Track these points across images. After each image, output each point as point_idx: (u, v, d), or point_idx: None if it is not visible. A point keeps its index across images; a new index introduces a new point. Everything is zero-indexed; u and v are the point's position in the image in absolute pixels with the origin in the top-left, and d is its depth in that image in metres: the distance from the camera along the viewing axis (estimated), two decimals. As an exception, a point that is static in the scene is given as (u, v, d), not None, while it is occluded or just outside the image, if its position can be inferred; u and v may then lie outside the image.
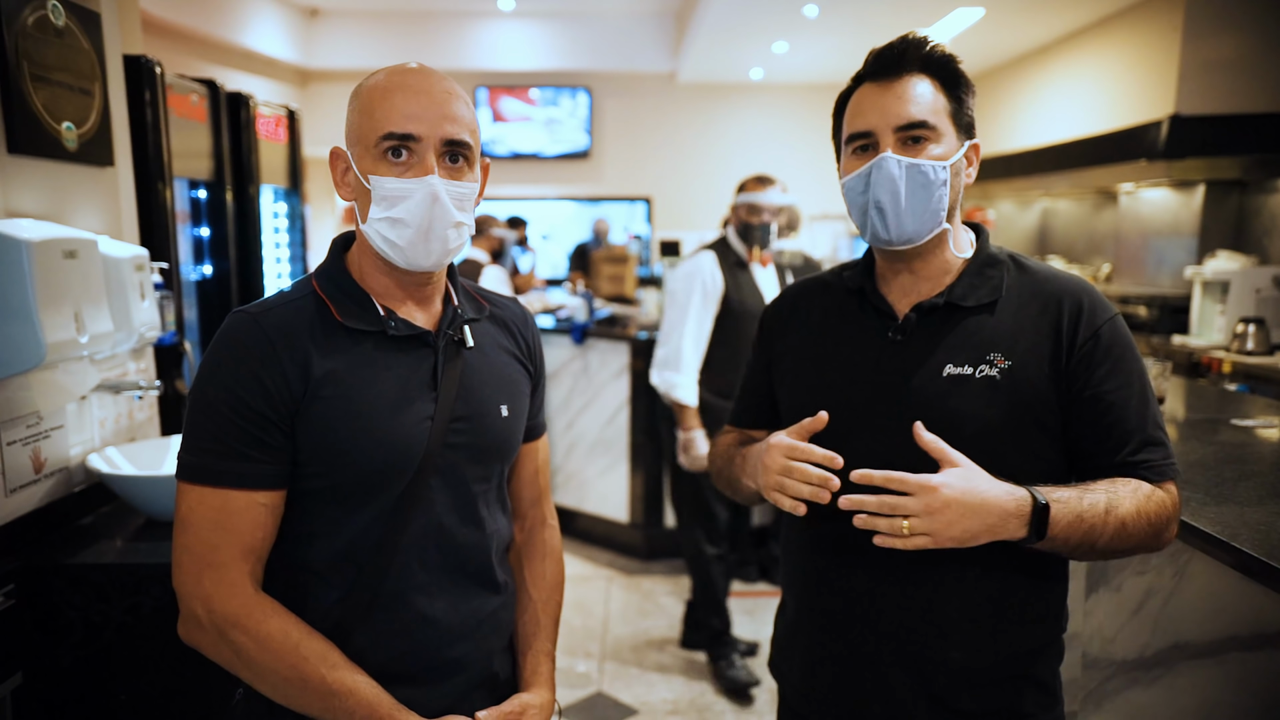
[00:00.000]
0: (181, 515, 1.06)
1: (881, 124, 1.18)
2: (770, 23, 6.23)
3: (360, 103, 1.10)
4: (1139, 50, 5.32)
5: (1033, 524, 1.07)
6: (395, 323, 1.12)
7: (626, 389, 4.40)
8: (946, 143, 1.17)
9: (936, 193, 1.16)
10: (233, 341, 1.07)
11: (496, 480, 1.22)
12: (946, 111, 1.18)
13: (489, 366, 1.20)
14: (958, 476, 1.06)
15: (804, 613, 1.31)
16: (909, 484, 1.05)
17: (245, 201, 3.00)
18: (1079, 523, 1.09)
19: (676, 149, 8.91)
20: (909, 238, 1.18)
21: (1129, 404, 1.15)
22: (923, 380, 1.18)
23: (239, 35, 6.78)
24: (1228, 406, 2.63)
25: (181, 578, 1.05)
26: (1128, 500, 1.12)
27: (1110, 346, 1.16)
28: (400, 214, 1.08)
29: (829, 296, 1.34)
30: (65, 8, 1.83)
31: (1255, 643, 1.58)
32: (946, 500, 1.04)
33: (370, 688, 1.05)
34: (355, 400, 1.08)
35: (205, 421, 1.06)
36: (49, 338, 1.58)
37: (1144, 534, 1.13)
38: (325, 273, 1.15)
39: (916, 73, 1.18)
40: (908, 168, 1.16)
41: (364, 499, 1.09)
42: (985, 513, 1.05)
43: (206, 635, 1.04)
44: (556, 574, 1.33)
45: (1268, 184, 4.99)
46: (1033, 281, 1.22)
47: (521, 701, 1.18)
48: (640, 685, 3.21)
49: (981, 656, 1.19)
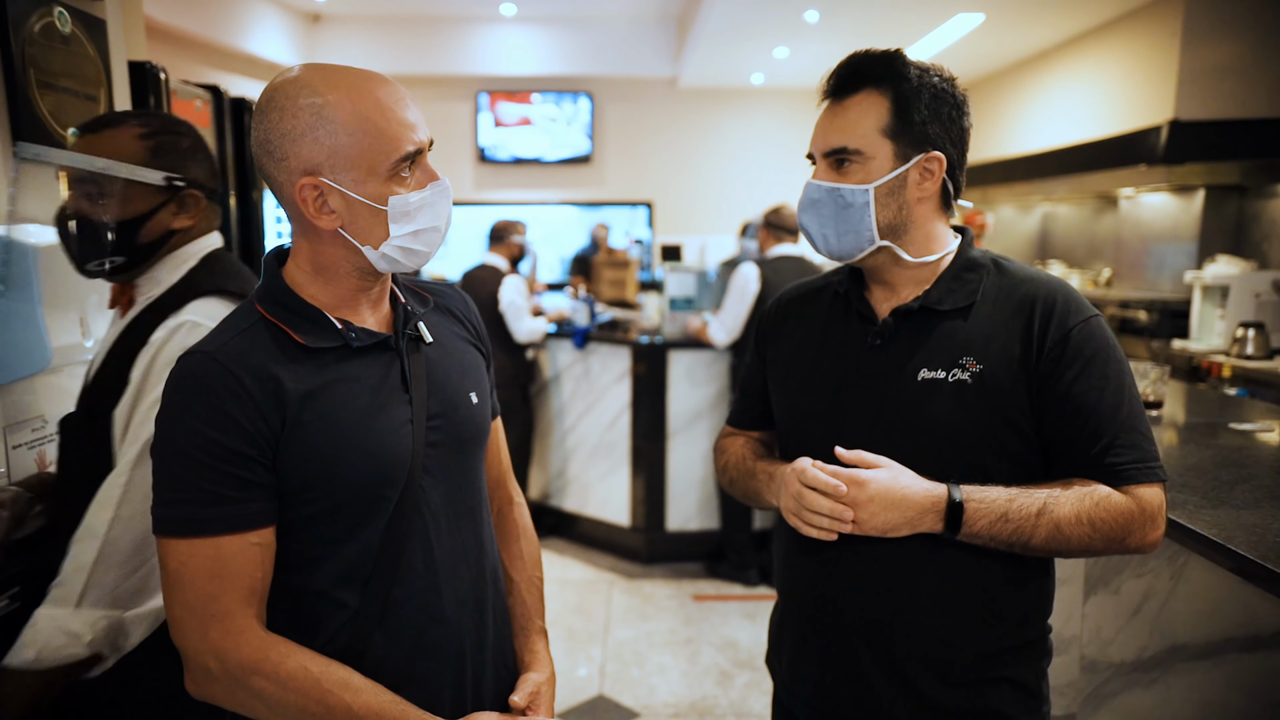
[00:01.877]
0: (172, 571, 1.01)
1: (816, 148, 1.25)
2: (771, 28, 6.24)
3: (344, 125, 1.02)
4: (1138, 55, 5.33)
5: (947, 519, 1.15)
6: (356, 333, 1.10)
7: (628, 393, 4.41)
8: (876, 165, 1.20)
9: (858, 215, 1.20)
10: (195, 383, 1.01)
11: (479, 468, 1.24)
12: (884, 130, 1.19)
13: (449, 357, 1.21)
14: (884, 474, 1.16)
15: (789, 610, 1.35)
16: (839, 474, 1.17)
17: (248, 207, 3.02)
18: (1003, 522, 1.14)
19: (678, 154, 8.93)
20: (840, 255, 1.25)
21: (1098, 406, 1.16)
22: (899, 385, 1.21)
23: (242, 41, 6.81)
24: (1227, 410, 2.64)
25: (184, 635, 1.01)
26: (1068, 504, 1.14)
27: (1081, 348, 1.17)
28: (425, 223, 1.08)
29: (821, 301, 1.37)
30: (71, 15, 1.85)
31: (1252, 645, 1.59)
32: (871, 494, 1.15)
33: (395, 705, 1.03)
34: (335, 419, 1.05)
35: (180, 471, 1.00)
36: (54, 342, 1.60)
37: (1086, 537, 1.14)
38: (268, 295, 1.10)
39: (865, 90, 1.20)
40: (828, 191, 1.22)
41: (361, 515, 1.08)
42: (905, 506, 1.15)
43: (222, 687, 1.01)
44: (533, 551, 1.36)
45: (1267, 189, 5.00)
46: (1010, 284, 1.24)
47: (534, 681, 1.21)
48: (642, 688, 3.22)
49: (957, 655, 1.21)
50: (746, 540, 4.23)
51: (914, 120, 1.19)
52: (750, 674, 3.32)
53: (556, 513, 4.82)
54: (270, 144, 1.04)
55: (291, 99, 1.02)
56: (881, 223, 1.21)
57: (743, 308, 3.94)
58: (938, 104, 1.20)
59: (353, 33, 8.20)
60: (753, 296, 3.91)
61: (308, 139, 1.02)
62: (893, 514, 1.15)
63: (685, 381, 4.35)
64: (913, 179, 1.21)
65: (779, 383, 1.37)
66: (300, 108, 1.02)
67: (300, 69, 1.05)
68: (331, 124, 1.02)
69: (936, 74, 1.21)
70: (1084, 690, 2.03)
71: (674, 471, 4.40)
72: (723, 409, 4.36)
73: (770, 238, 4.13)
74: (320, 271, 1.10)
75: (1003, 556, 1.19)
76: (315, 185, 1.03)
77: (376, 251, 1.08)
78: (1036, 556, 1.21)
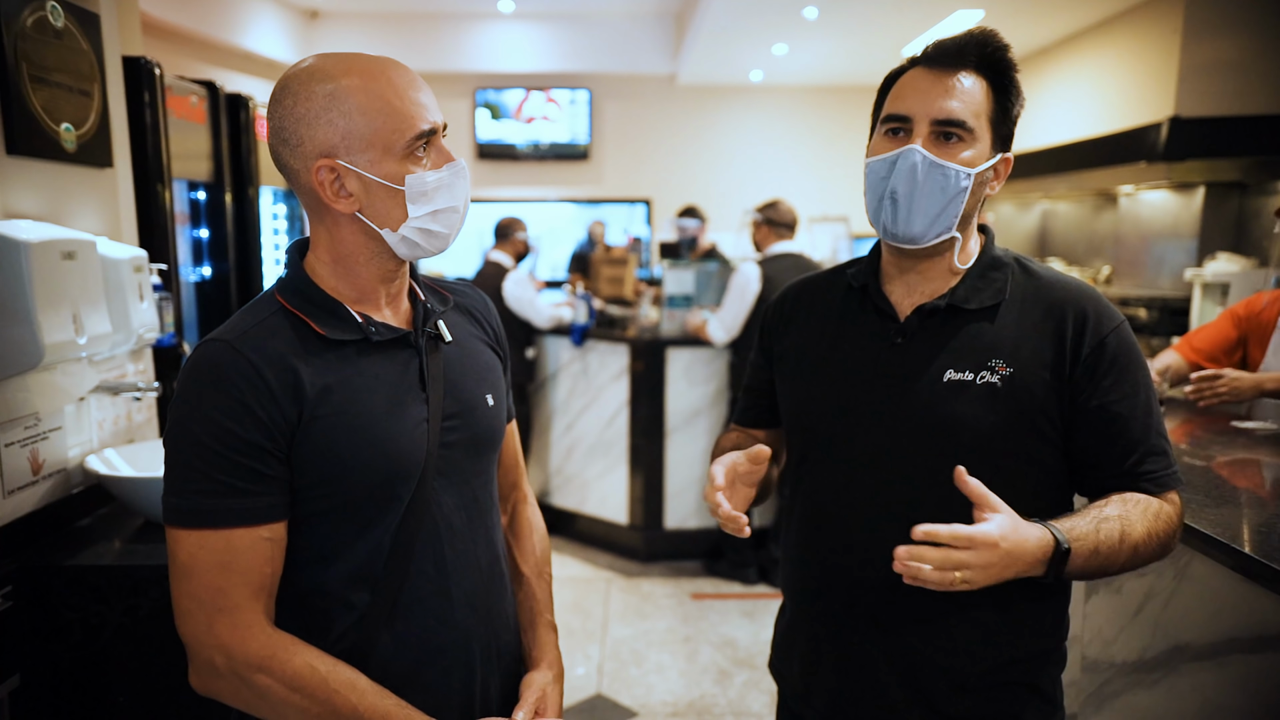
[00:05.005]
0: (181, 562, 0.99)
1: (920, 112, 1.14)
2: (770, 25, 6.22)
3: (358, 106, 1.02)
4: (1139, 52, 5.32)
5: (1051, 565, 1.05)
6: (376, 327, 1.09)
7: (626, 391, 4.40)
8: (979, 149, 1.15)
9: (954, 198, 1.14)
10: (213, 371, 1.00)
11: (491, 472, 1.22)
12: (988, 117, 1.15)
13: (467, 358, 1.19)
14: (1009, 529, 1.02)
15: (801, 615, 1.32)
16: (975, 540, 1.00)
17: (244, 203, 3.00)
18: (1094, 556, 1.08)
19: (676, 151, 8.91)
20: (914, 237, 1.16)
21: (1134, 414, 1.14)
22: (924, 385, 1.17)
23: (239, 37, 6.78)
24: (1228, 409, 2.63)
25: (191, 627, 1.00)
26: (1140, 524, 1.11)
27: (1116, 356, 1.15)
28: (443, 203, 1.07)
29: (831, 294, 1.32)
30: (64, 9, 1.83)
31: (1255, 645, 1.58)
32: (1001, 555, 1.01)
33: (400, 710, 1.02)
34: (352, 414, 1.04)
35: (194, 460, 0.99)
36: (47, 339, 1.58)
37: (1155, 553, 1.13)
38: (290, 286, 1.09)
39: (972, 70, 1.15)
40: (931, 165, 1.13)
41: (373, 513, 1.06)
42: (1019, 560, 1.03)
43: (227, 683, 1.00)
44: (544, 548, 1.36)
45: (1268, 186, 4.99)
46: (1037, 287, 1.20)
47: (538, 684, 1.19)
48: (640, 687, 3.21)
49: (979, 664, 1.18)
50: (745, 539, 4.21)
51: (1010, 116, 1.17)
52: (749, 673, 3.31)
53: (554, 511, 4.81)
54: (285, 130, 1.03)
55: (305, 84, 1.03)
56: (965, 212, 1.16)
57: (743, 306, 3.93)
58: (1019, 107, 1.19)
59: (350, 29, 8.17)
60: (753, 295, 3.90)
61: (322, 122, 1.02)
62: (1007, 571, 1.03)
63: (683, 379, 4.34)
64: (990, 176, 1.18)
65: (787, 376, 1.32)
66: (314, 92, 1.02)
67: (313, 58, 1.06)
68: (345, 105, 1.02)
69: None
70: (1086, 690, 2.02)
71: (672, 469, 4.39)
72: (721, 407, 4.35)
73: (770, 234, 4.10)
74: (339, 261, 1.09)
75: None
76: (332, 168, 1.03)
77: (395, 234, 1.06)
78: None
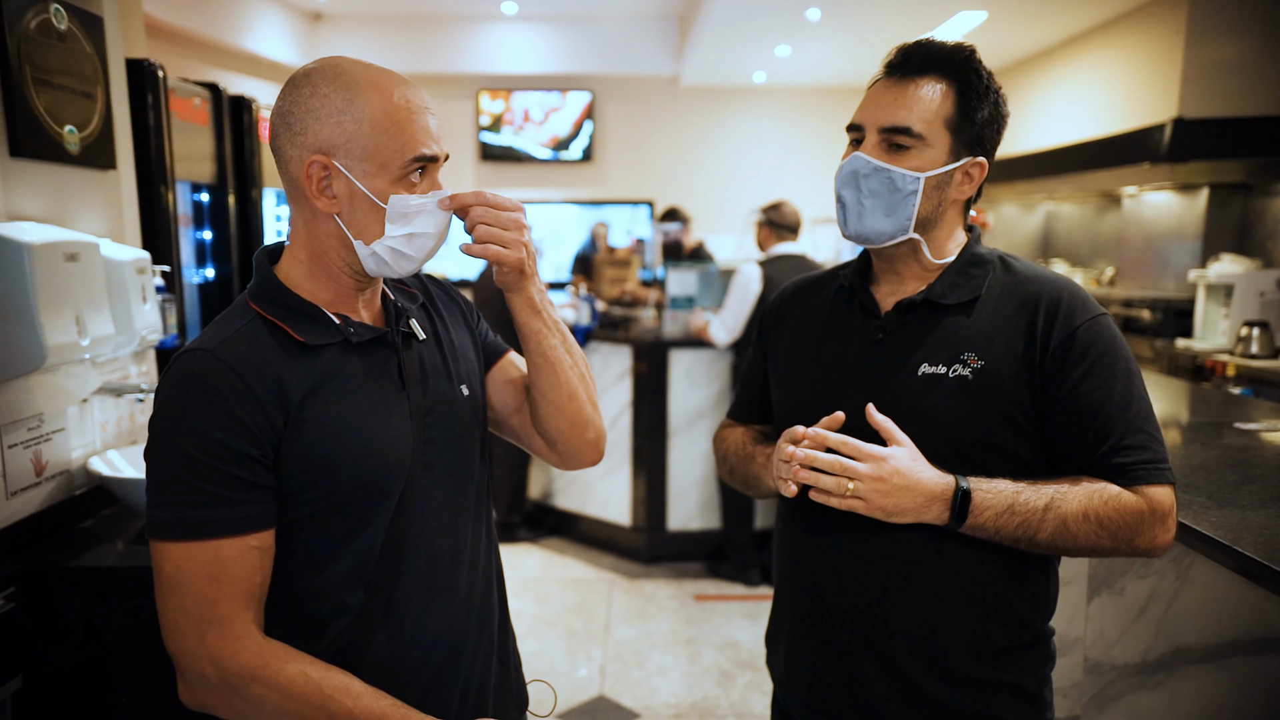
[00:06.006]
0: (167, 575, 0.98)
1: (870, 121, 1.20)
2: (773, 26, 6.22)
3: (370, 117, 1.03)
4: (1142, 53, 5.31)
5: (954, 509, 1.11)
6: (354, 328, 1.09)
7: (629, 392, 4.40)
8: (932, 154, 1.17)
9: (903, 201, 1.17)
10: (196, 381, 1.00)
11: (475, 464, 1.21)
12: (945, 122, 1.17)
13: (439, 350, 1.20)
14: (904, 455, 1.13)
15: (785, 605, 1.34)
16: (861, 451, 1.12)
17: (248, 205, 3.01)
18: (1009, 515, 1.11)
19: (679, 152, 8.90)
20: (866, 237, 1.21)
21: (1106, 405, 1.15)
22: (900, 379, 1.21)
23: (242, 39, 6.79)
24: (1231, 410, 2.62)
25: (179, 640, 0.99)
26: (1077, 500, 1.12)
27: (1088, 347, 1.15)
28: (419, 228, 1.07)
29: (824, 294, 1.36)
30: (68, 11, 1.83)
31: (1258, 647, 1.57)
32: (891, 471, 1.11)
33: (396, 709, 1.01)
34: (336, 417, 1.04)
35: (178, 471, 0.98)
36: (50, 340, 1.58)
37: (1093, 535, 1.12)
38: (264, 293, 1.09)
39: (931, 76, 1.17)
40: (875, 169, 1.17)
41: (363, 514, 1.07)
42: (916, 492, 1.11)
43: (219, 695, 0.99)
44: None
45: (1272, 187, 4.97)
46: (1015, 281, 1.23)
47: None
48: (642, 689, 3.21)
49: (952, 651, 1.19)
50: (748, 540, 4.22)
51: (975, 120, 1.18)
52: (751, 674, 3.31)
53: (557, 512, 4.80)
54: (291, 115, 1.05)
55: (327, 80, 1.04)
56: (920, 215, 1.19)
57: (744, 307, 3.94)
58: (995, 110, 1.20)
59: (354, 31, 8.18)
60: (754, 296, 3.90)
61: (331, 120, 1.03)
62: (903, 498, 1.11)
63: (686, 381, 4.34)
64: (956, 179, 1.20)
65: (779, 373, 1.37)
66: (333, 90, 1.03)
67: (342, 58, 1.07)
68: (358, 112, 1.03)
69: (996, 82, 1.21)
70: (1088, 692, 2.02)
71: (675, 471, 4.39)
72: (724, 408, 4.34)
73: (772, 235, 4.11)
74: (316, 259, 1.09)
75: (1003, 553, 1.17)
76: (325, 165, 1.04)
77: (367, 248, 1.07)
78: (1042, 554, 1.19)
